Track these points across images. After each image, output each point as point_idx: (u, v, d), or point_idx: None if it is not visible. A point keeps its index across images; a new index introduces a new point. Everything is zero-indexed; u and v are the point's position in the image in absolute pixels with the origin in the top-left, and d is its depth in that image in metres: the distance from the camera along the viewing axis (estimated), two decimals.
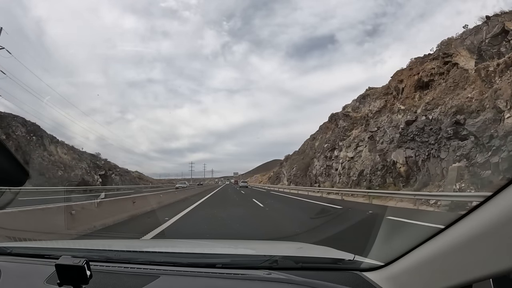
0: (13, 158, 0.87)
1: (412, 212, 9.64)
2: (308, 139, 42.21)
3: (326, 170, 27.39)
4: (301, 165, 36.98)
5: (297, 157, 43.55)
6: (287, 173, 43.92)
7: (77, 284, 0.94)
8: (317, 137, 37.43)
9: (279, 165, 58.70)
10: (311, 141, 40.80)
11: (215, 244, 2.32)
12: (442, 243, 0.77)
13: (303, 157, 39.01)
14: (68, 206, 5.45)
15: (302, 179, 35.10)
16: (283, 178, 46.90)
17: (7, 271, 1.23)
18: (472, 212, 0.70)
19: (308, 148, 40.65)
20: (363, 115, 24.83)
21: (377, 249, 2.00)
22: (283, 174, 47.90)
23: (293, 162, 42.98)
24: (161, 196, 12.46)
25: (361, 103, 27.12)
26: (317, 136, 37.46)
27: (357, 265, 1.23)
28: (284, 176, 45.96)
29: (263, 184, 57.97)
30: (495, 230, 0.62)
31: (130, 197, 9.27)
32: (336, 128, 29.23)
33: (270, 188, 38.94)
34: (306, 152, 39.28)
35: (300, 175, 36.44)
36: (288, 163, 47.53)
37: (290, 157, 49.10)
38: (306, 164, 34.54)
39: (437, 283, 0.77)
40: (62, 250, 1.54)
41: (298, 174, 37.75)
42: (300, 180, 35.41)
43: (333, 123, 31.22)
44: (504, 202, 0.62)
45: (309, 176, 32.51)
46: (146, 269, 1.25)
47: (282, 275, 1.15)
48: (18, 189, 4.54)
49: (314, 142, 37.82)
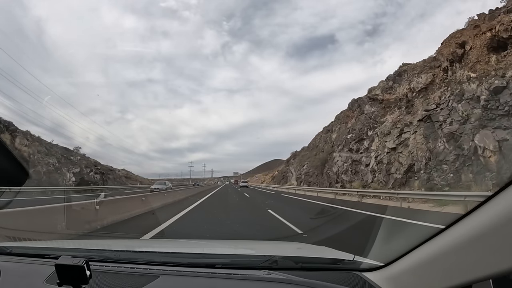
0: (12, 157, 0.88)
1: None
2: (321, 132, 38.87)
3: (353, 166, 23.44)
4: (314, 162, 33.46)
5: (307, 153, 40.09)
6: (296, 171, 40.32)
7: (77, 284, 0.96)
8: (333, 129, 33.62)
9: (285, 163, 54.82)
10: (325, 134, 35.15)
11: (215, 244, 2.39)
12: (442, 243, 0.79)
13: (316, 152, 35.66)
14: None
15: (317, 178, 29.53)
16: (290, 177, 42.91)
17: (6, 271, 1.27)
18: (472, 212, 0.71)
19: (322, 142, 35.41)
20: (401, 96, 20.93)
21: (376, 249, 1.99)
22: (290, 173, 44.24)
23: (303, 159, 39.44)
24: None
25: (395, 82, 23.23)
26: (333, 127, 33.68)
27: (356, 265, 1.25)
28: (292, 175, 42.23)
29: (266, 185, 53.81)
30: (495, 231, 0.63)
31: None
32: (361, 115, 25.57)
33: (278, 190, 35.01)
34: (320, 147, 35.99)
35: (313, 174, 32.71)
36: (296, 160, 43.96)
37: (299, 153, 45.84)
38: (321, 160, 30.79)
39: (437, 283, 0.78)
40: (61, 250, 1.60)
41: (310, 173, 33.95)
42: (315, 180, 29.65)
43: (355, 110, 27.73)
44: (504, 202, 0.63)
45: (327, 174, 27.58)
46: (146, 269, 1.29)
47: (281, 275, 1.17)
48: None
49: (329, 135, 34.31)
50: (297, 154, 45.58)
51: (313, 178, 31.27)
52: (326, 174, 27.56)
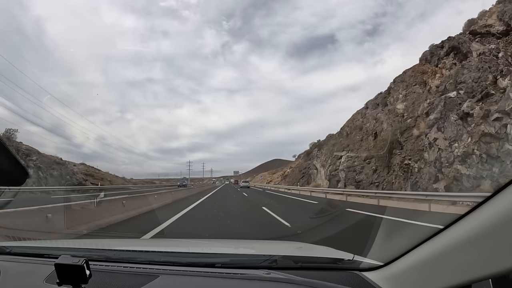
0: (12, 157, 0.87)
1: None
2: (362, 109, 26.90)
3: (480, 146, 12.36)
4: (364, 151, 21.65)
5: (340, 140, 27.89)
6: (327, 166, 27.81)
7: (77, 283, 0.95)
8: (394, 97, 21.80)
9: (304, 155, 41.15)
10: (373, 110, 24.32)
11: (215, 243, 2.34)
12: (441, 243, 0.79)
13: (362, 136, 23.51)
14: None
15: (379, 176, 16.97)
16: (315, 175, 30.58)
17: (6, 271, 1.25)
18: (472, 212, 0.71)
19: (369, 121, 23.87)
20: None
21: (376, 249, 1.98)
22: (314, 169, 31.46)
23: (334, 148, 27.58)
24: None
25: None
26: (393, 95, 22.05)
27: (356, 265, 1.24)
28: (318, 173, 29.84)
29: (276, 185, 42.07)
30: (494, 230, 0.63)
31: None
32: (465, 61, 16.15)
33: (305, 194, 22.13)
34: (368, 127, 23.41)
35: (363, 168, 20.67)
36: (325, 151, 30.78)
37: (325, 142, 33.19)
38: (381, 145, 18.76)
39: (436, 283, 0.78)
40: (61, 250, 1.58)
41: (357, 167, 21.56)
42: (377, 178, 17.29)
43: (441, 59, 18.53)
44: (504, 202, 0.63)
45: (404, 167, 16.55)
46: (146, 268, 1.27)
47: (281, 275, 1.16)
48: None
49: (388, 108, 22.17)
50: (323, 144, 33.27)
51: (365, 175, 19.48)
52: (402, 167, 15.85)
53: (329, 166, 26.69)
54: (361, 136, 23.41)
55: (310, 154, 36.32)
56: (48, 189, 21.65)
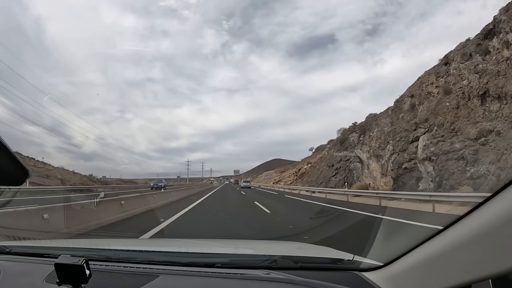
0: (12, 156, 0.88)
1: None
2: (436, 67, 19.08)
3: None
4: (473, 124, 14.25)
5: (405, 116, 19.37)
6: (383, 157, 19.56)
7: (76, 283, 0.96)
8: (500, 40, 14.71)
9: (336, 144, 30.15)
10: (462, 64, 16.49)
11: (215, 243, 2.38)
12: (441, 243, 0.79)
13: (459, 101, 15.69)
14: None
15: None
16: (359, 171, 22.50)
17: (6, 270, 1.26)
18: (472, 212, 0.71)
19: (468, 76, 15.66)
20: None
21: (376, 249, 2.02)
22: (358, 162, 22.92)
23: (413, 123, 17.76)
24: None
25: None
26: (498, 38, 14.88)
27: (356, 265, 1.26)
28: (366, 168, 21.76)
29: (288, 186, 34.05)
30: (494, 231, 0.64)
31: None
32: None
33: None
34: (463, 86, 15.74)
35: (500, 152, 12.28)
36: (375, 135, 21.85)
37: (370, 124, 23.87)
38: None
39: (436, 283, 0.78)
40: (61, 249, 1.60)
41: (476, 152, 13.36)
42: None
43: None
44: (504, 202, 0.63)
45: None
46: (146, 268, 1.29)
47: (281, 275, 1.18)
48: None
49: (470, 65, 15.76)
50: (367, 126, 23.62)
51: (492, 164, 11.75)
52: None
53: (391, 154, 17.92)
54: (456, 102, 15.42)
55: (345, 142, 26.54)
56: None
